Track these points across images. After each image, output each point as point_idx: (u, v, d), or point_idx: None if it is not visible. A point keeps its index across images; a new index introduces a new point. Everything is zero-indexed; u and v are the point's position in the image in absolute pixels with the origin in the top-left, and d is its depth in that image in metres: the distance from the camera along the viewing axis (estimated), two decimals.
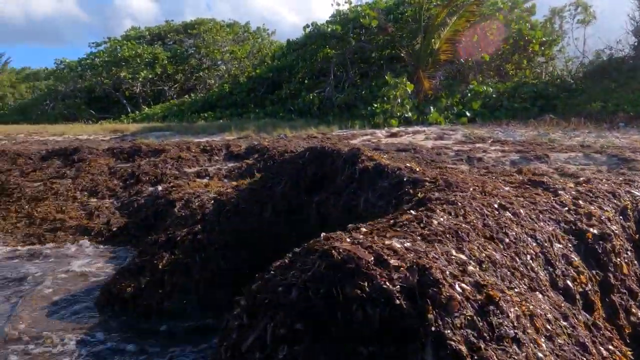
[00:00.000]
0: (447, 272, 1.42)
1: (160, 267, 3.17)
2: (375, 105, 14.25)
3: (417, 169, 2.90)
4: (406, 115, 14.23)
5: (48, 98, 29.93)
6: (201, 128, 15.06)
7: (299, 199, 3.52)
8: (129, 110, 28.64)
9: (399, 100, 14.33)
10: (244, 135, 12.91)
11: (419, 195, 2.42)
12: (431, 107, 14.55)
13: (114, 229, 4.97)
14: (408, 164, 3.18)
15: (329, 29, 16.18)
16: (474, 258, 1.70)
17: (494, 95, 15.71)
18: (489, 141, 10.13)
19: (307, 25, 17.50)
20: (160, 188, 5.83)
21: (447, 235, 1.80)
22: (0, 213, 5.66)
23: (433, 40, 16.43)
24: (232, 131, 13.57)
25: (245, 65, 28.32)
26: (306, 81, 19.19)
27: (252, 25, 35.60)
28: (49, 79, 32.72)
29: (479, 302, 1.35)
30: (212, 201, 3.69)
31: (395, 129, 13.00)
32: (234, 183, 5.54)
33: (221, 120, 18.07)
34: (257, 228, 3.45)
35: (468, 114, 14.47)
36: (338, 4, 17.63)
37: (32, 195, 6.03)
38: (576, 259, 2.26)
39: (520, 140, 9.68)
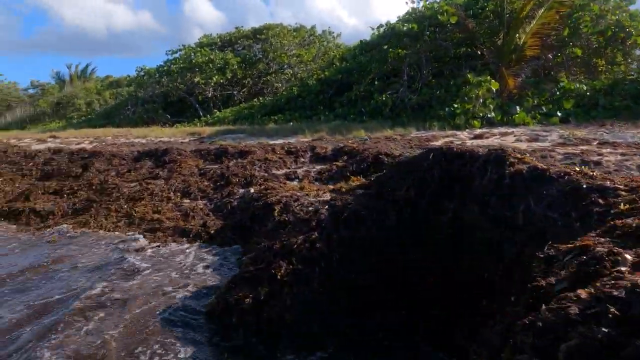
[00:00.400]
0: None
1: (279, 277, 2.91)
2: (455, 106, 13.44)
3: (593, 174, 2.38)
4: (489, 115, 13.28)
5: (129, 103, 32.11)
6: (274, 130, 15.13)
7: (425, 206, 3.11)
8: (201, 113, 29.90)
9: (481, 99, 13.41)
10: (318, 137, 12.73)
11: (622, 207, 1.91)
12: (517, 107, 13.46)
13: (212, 231, 4.85)
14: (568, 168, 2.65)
15: (405, 28, 15.56)
16: None
17: (587, 93, 14.25)
18: (595, 143, 9.05)
19: (381, 26, 17.06)
20: (252, 190, 5.68)
21: None
22: (102, 212, 5.79)
23: (517, 35, 15.28)
24: (306, 133, 13.46)
25: (312, 68, 28.44)
26: (377, 82, 18.72)
27: (318, 29, 35.86)
28: (130, 85, 35.12)
29: None
30: (326, 206, 3.37)
31: (478, 130, 12.15)
32: (330, 186, 5.25)
33: (291, 123, 18.13)
34: (379, 237, 3.09)
35: (559, 113, 13.21)
36: (412, 2, 17.03)
37: (129, 195, 6.15)
38: None
39: (634, 142, 8.53)
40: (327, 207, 3.39)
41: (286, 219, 4.15)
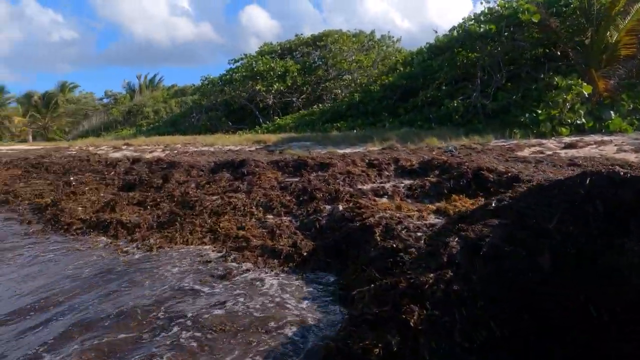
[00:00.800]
0: None
1: (412, 324, 2.46)
2: (539, 111, 12.36)
3: None
4: (578, 122, 12.07)
5: (194, 111, 33.39)
6: (339, 138, 14.80)
7: (591, 243, 2.53)
8: (261, 121, 30.38)
9: (568, 104, 12.23)
10: (388, 146, 12.21)
11: None
12: (611, 112, 12.13)
13: (303, 253, 4.51)
14: None
15: (481, 29, 14.64)
16: None
17: None
18: None
19: (454, 28, 16.18)
20: (340, 207, 5.29)
21: None
22: (187, 226, 5.67)
23: (608, 33, 13.87)
24: (375, 142, 12.99)
25: (372, 73, 27.94)
26: (444, 87, 17.87)
27: (376, 34, 35.32)
28: (195, 94, 36.57)
29: None
30: (457, 238, 2.88)
31: (568, 139, 11.03)
32: (430, 206, 4.74)
33: (354, 130, 17.73)
34: (531, 279, 2.55)
35: None
36: (487, 2, 16.03)
37: (212, 209, 6.00)
38: None
39: None
40: (455, 238, 2.89)
41: (394, 245, 3.70)
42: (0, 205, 8.59)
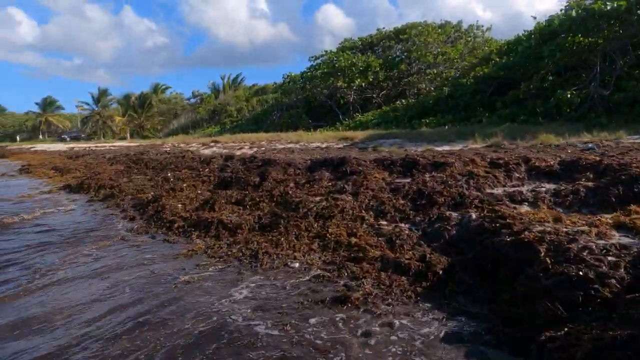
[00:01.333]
0: None
1: None
2: None
3: None
4: None
5: (276, 109, 33.94)
6: (433, 135, 13.67)
7: None
8: (341, 118, 29.89)
9: None
10: (493, 143, 10.92)
11: None
12: None
13: (438, 271, 3.73)
14: None
15: (608, 7, 12.62)
16: None
17: None
18: None
19: (568, 7, 14.21)
20: (474, 216, 4.42)
21: None
22: (291, 230, 5.15)
23: None
24: (476, 138, 11.73)
25: (461, 66, 26.09)
26: (550, 77, 15.86)
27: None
28: (276, 92, 37.18)
29: None
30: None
31: None
32: (605, 219, 3.70)
33: (446, 127, 16.42)
34: None
35: None
36: None
37: (317, 211, 5.44)
38: None
39: None
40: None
41: (580, 273, 2.78)
42: (107, 199, 8.89)
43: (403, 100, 27.08)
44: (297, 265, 4.47)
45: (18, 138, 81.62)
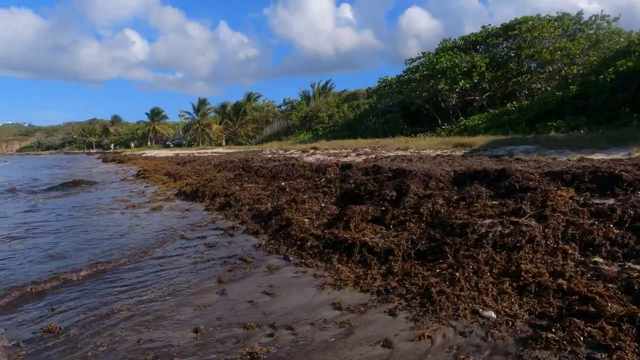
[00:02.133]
0: None
1: None
2: None
3: None
4: None
5: (371, 114, 32.97)
6: (576, 140, 11.56)
7: None
8: (440, 122, 27.98)
9: None
10: None
11: None
12: None
13: None
14: None
15: None
16: None
17: None
18: None
19: None
20: None
21: None
22: (467, 263, 4.04)
23: None
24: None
25: (587, 62, 22.84)
26: None
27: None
28: (370, 97, 36.16)
29: None
30: None
31: None
32: None
33: (581, 131, 14.04)
34: None
35: None
36: None
37: (494, 239, 4.26)
38: None
39: None
40: None
41: None
42: (223, 209, 8.56)
43: (514, 102, 24.45)
44: (492, 315, 3.35)
45: (132, 145, 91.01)
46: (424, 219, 5.30)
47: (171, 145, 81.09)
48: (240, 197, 8.90)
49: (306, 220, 6.45)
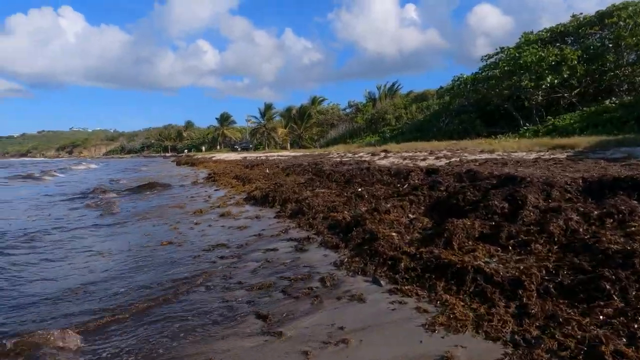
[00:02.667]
0: None
1: None
2: None
3: None
4: None
5: (444, 115, 31.04)
6: None
7: None
8: (521, 122, 25.52)
9: None
10: None
11: None
12: None
13: None
14: None
15: None
16: None
17: None
18: None
19: None
20: None
21: None
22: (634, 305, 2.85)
23: None
24: None
25: None
26: None
27: None
28: (441, 97, 34.19)
29: None
30: None
31: None
32: None
33: None
34: None
35: None
36: None
37: None
38: None
39: None
40: None
41: None
42: (295, 216, 7.85)
43: (613, 99, 21.54)
44: None
45: (203, 148, 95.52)
46: (555, 239, 4.12)
47: (239, 149, 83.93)
48: (314, 203, 8.14)
49: (394, 234, 5.49)
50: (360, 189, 8.42)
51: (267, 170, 17.05)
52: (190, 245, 6.53)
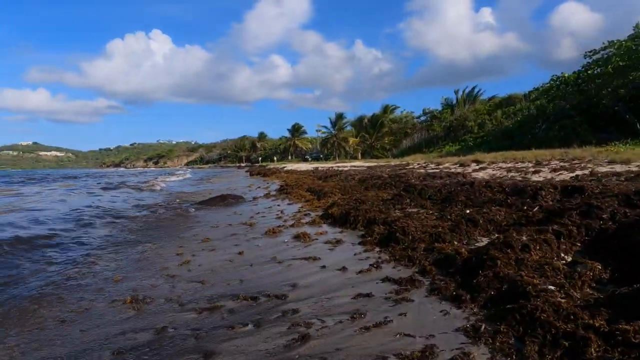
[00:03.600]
0: None
1: None
2: None
3: None
4: None
5: (540, 120, 27.43)
6: None
7: None
8: (639, 126, 21.56)
9: None
10: None
11: None
12: None
13: None
14: None
15: None
16: None
17: None
18: None
19: None
20: None
21: None
22: None
23: None
24: None
25: None
26: None
27: None
28: (533, 101, 30.51)
29: None
30: None
31: None
32: None
33: None
34: None
35: None
36: None
37: None
38: None
39: None
40: None
41: None
42: (386, 244, 6.23)
43: None
44: None
45: (275, 159, 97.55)
46: None
47: (309, 159, 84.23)
48: (409, 228, 6.45)
49: (552, 287, 3.67)
50: (468, 211, 6.59)
51: (342, 183, 15.62)
52: (257, 284, 5.20)
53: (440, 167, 17.16)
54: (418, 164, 21.27)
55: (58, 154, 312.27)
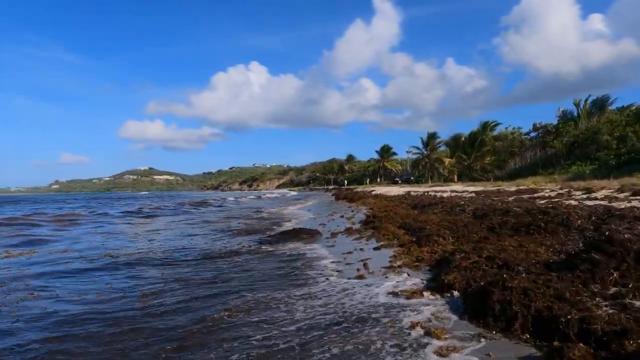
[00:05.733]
0: None
1: None
2: None
3: None
4: None
5: None
6: None
7: None
8: None
9: None
10: None
11: None
12: None
13: None
14: None
15: None
16: None
17: None
18: None
19: None
20: None
21: None
22: None
23: None
24: None
25: None
26: None
27: None
28: None
29: None
30: None
31: None
32: None
33: None
34: None
35: None
36: None
37: None
38: None
39: None
40: None
41: None
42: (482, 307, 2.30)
43: None
44: None
45: (366, 182, 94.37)
46: None
47: (399, 181, 79.19)
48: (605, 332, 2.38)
49: None
50: None
51: (449, 217, 11.57)
52: None
53: (597, 195, 12.13)
54: (550, 189, 16.14)
55: (169, 177, 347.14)
